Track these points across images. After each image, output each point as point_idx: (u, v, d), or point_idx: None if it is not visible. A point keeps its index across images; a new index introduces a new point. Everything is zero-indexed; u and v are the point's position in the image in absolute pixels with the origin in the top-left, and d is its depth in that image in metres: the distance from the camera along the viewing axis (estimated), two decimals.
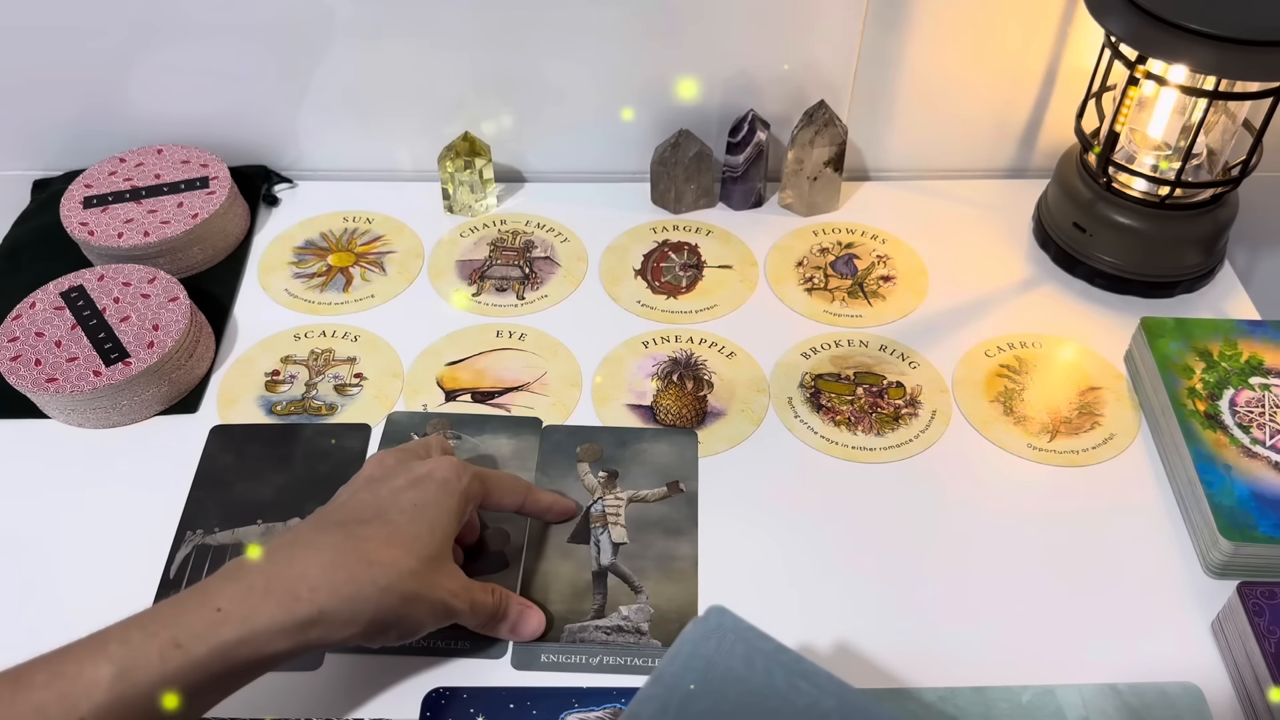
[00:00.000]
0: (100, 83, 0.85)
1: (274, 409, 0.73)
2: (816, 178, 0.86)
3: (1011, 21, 0.81)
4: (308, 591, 0.49)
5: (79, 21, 0.81)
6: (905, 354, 0.77)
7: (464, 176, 0.85)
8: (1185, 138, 0.75)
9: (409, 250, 0.85)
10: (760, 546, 0.65)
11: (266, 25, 0.81)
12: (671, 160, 0.85)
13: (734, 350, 0.77)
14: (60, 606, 0.62)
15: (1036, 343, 0.77)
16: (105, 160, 0.86)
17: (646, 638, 0.60)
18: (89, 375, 0.69)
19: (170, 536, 0.65)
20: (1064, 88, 0.86)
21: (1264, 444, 0.66)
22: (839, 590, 0.63)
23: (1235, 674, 0.58)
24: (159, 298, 0.74)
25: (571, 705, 0.57)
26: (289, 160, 0.91)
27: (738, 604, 0.61)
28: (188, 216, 0.81)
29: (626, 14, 0.81)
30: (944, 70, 0.85)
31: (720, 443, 0.71)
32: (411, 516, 0.54)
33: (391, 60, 0.84)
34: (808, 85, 0.85)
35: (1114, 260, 0.79)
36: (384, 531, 0.53)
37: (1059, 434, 0.71)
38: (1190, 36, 0.66)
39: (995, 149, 0.90)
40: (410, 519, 0.54)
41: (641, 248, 0.85)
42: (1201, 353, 0.71)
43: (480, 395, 0.74)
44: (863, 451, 0.70)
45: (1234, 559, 0.61)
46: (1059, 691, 0.57)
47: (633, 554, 0.64)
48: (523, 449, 0.70)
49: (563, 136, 0.89)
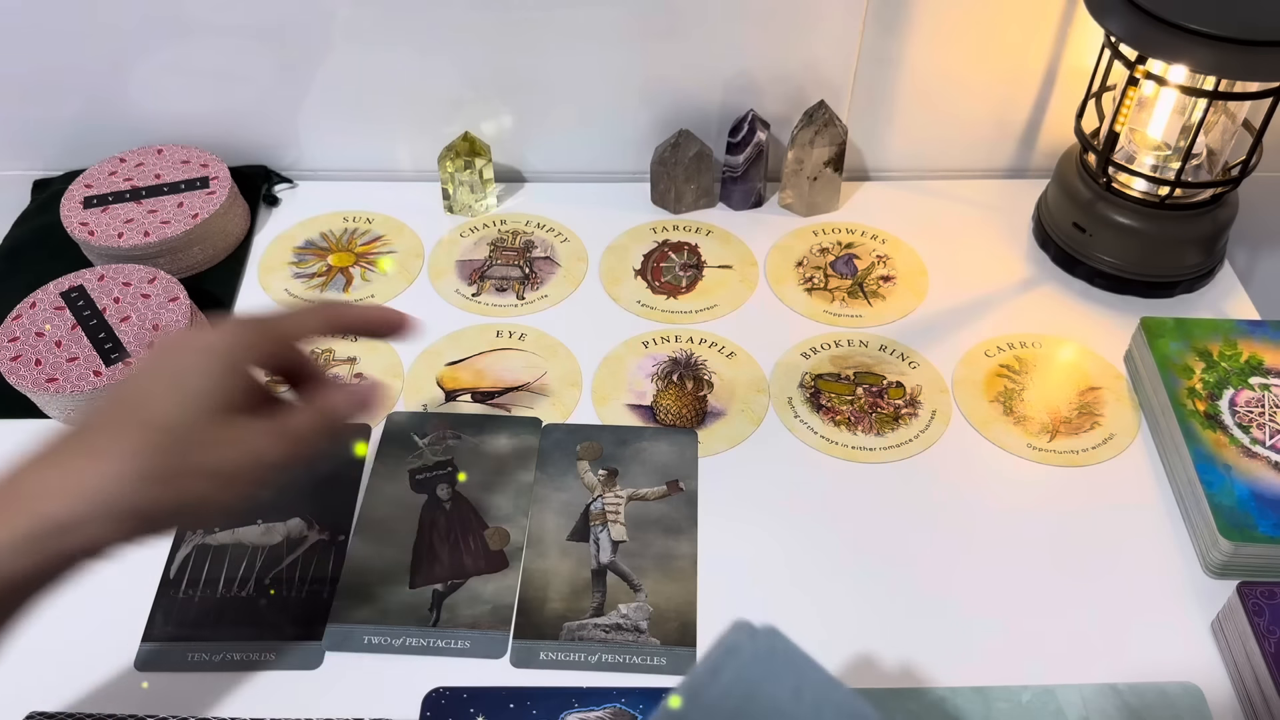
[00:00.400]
0: (100, 83, 0.85)
1: None
2: (816, 178, 0.86)
3: (1011, 21, 0.82)
4: (32, 501, 0.44)
5: (79, 21, 0.81)
6: (905, 354, 0.77)
7: (464, 176, 0.85)
8: (1185, 138, 0.75)
9: (409, 250, 0.85)
10: (759, 546, 0.65)
11: (266, 25, 0.82)
12: (671, 160, 0.85)
13: (734, 350, 0.77)
14: (60, 606, 0.62)
15: (1036, 343, 0.77)
16: (105, 160, 0.86)
17: (645, 635, 0.60)
18: (89, 375, 0.69)
19: (169, 539, 0.65)
20: (1064, 88, 0.86)
21: (1264, 444, 0.66)
22: (838, 590, 0.63)
23: (1235, 674, 0.58)
24: (159, 298, 0.74)
25: (571, 705, 0.57)
26: (289, 160, 0.91)
27: (737, 603, 0.62)
28: (188, 216, 0.81)
29: (627, 14, 0.81)
30: (944, 70, 0.85)
31: (720, 442, 0.71)
32: (150, 391, 0.47)
33: (392, 60, 0.84)
34: (808, 85, 0.85)
35: (1114, 260, 0.79)
36: (118, 415, 0.47)
37: (1059, 434, 0.71)
38: (1190, 36, 0.66)
39: (995, 149, 0.90)
40: (149, 394, 0.47)
41: (641, 248, 0.85)
42: (1201, 353, 0.71)
43: (480, 395, 0.74)
44: (862, 451, 0.70)
45: (1234, 559, 0.61)
46: (1059, 691, 0.57)
47: (632, 552, 0.64)
48: (522, 449, 0.70)
49: (563, 136, 0.89)
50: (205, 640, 0.61)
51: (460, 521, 0.66)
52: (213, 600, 0.62)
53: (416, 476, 0.68)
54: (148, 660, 0.60)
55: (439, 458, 0.69)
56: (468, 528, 0.66)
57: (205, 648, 0.60)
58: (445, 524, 0.66)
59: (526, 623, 0.61)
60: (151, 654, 0.60)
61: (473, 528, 0.66)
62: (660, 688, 0.58)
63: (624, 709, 0.57)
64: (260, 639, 0.61)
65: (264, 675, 0.59)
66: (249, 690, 0.59)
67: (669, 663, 0.59)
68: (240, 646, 0.60)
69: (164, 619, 0.62)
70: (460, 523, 0.66)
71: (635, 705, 0.57)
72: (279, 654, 0.60)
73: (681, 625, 0.61)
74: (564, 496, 0.67)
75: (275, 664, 0.60)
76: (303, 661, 0.60)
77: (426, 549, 0.65)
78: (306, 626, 0.61)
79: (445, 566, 0.64)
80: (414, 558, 0.64)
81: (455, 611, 0.62)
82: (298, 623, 0.61)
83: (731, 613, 0.61)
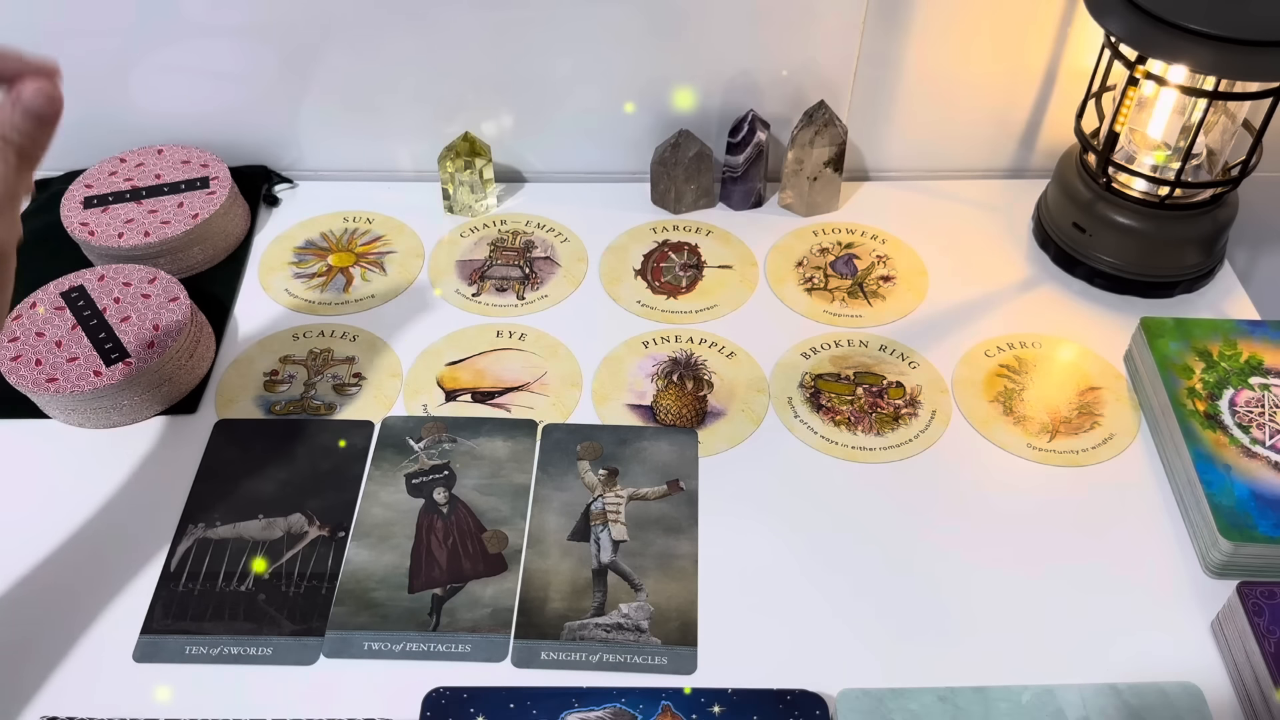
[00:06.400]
0: (100, 83, 0.85)
1: (273, 409, 0.73)
2: (816, 178, 0.86)
3: (1011, 21, 0.82)
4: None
5: (79, 21, 0.81)
6: (905, 354, 0.77)
7: (464, 176, 0.85)
8: (1185, 138, 0.75)
9: (409, 250, 0.85)
10: (760, 545, 0.65)
11: (266, 25, 0.82)
12: (671, 160, 0.85)
13: (734, 350, 0.77)
14: (60, 604, 0.62)
15: (1036, 343, 0.77)
16: (105, 160, 0.86)
17: (646, 635, 0.60)
18: (89, 375, 0.69)
19: (170, 533, 0.66)
20: (1064, 88, 0.86)
21: (1264, 444, 0.66)
22: (838, 590, 0.63)
23: (1235, 674, 0.58)
24: (159, 298, 0.74)
25: (571, 705, 0.57)
26: (289, 160, 0.91)
27: (738, 603, 0.62)
28: (188, 216, 0.81)
29: (627, 14, 0.81)
30: (944, 70, 0.85)
31: (720, 442, 0.71)
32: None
33: (391, 60, 0.84)
34: (808, 85, 0.85)
35: (1114, 260, 0.79)
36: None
37: (1059, 434, 0.71)
38: (1190, 36, 0.66)
39: (995, 149, 0.90)
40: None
41: (641, 248, 0.85)
42: (1201, 353, 0.71)
43: (480, 395, 0.74)
44: (862, 451, 0.70)
45: (1234, 559, 0.61)
46: (1059, 691, 0.57)
47: (633, 552, 0.64)
48: (519, 451, 0.70)
49: (563, 136, 0.89)
50: (204, 634, 0.61)
51: (458, 525, 0.66)
52: (212, 594, 0.63)
53: (413, 481, 0.68)
54: (146, 652, 0.60)
55: (435, 461, 0.69)
56: (465, 531, 0.66)
57: (204, 641, 0.60)
58: (443, 528, 0.66)
59: (527, 622, 0.61)
60: (150, 646, 0.60)
61: (470, 531, 0.66)
62: (661, 687, 0.58)
63: (624, 709, 0.57)
64: (259, 634, 0.61)
65: (262, 672, 0.59)
66: (248, 690, 0.59)
67: (670, 662, 0.59)
68: (239, 640, 0.60)
69: (163, 611, 0.62)
70: (458, 526, 0.66)
71: (635, 705, 0.57)
72: (277, 649, 0.60)
73: (682, 625, 0.61)
74: (564, 496, 0.67)
75: (273, 659, 0.60)
76: (300, 657, 0.60)
77: (424, 553, 0.65)
78: (305, 622, 0.61)
79: (444, 571, 0.64)
80: (412, 562, 0.64)
81: (455, 615, 0.62)
82: (297, 618, 0.61)
83: (732, 612, 0.62)
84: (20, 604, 0.62)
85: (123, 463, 0.70)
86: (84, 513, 0.67)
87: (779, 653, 0.60)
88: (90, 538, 0.65)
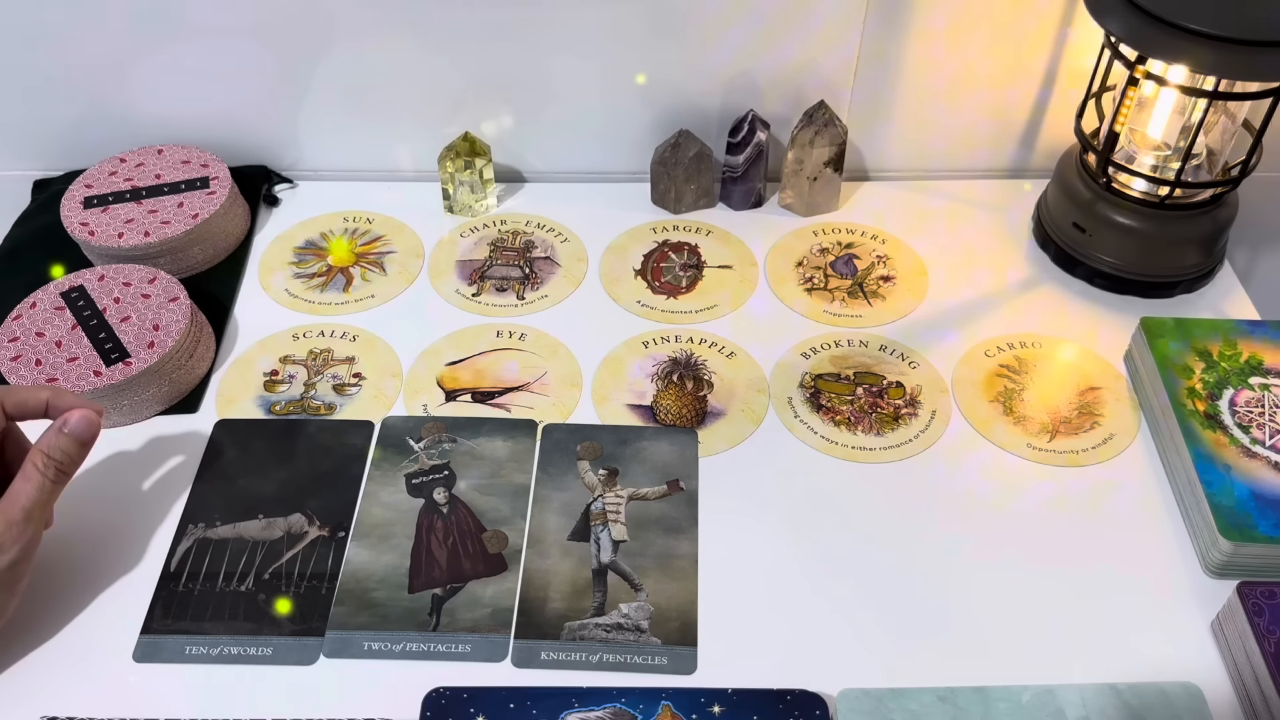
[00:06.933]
0: (100, 83, 0.85)
1: (273, 409, 0.73)
2: (816, 178, 0.86)
3: (1011, 21, 0.82)
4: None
5: (79, 21, 0.81)
6: (905, 354, 0.77)
7: (464, 176, 0.85)
8: (1185, 138, 0.75)
9: (409, 250, 0.85)
10: (760, 545, 0.65)
11: (266, 25, 0.82)
12: (671, 160, 0.85)
13: (734, 350, 0.77)
14: (60, 604, 0.62)
15: (1036, 343, 0.77)
16: (105, 160, 0.86)
17: (646, 635, 0.60)
18: (89, 375, 0.69)
19: (170, 533, 0.66)
20: (1064, 88, 0.86)
21: (1264, 444, 0.66)
22: (838, 589, 0.63)
23: (1235, 674, 0.58)
24: (159, 298, 0.74)
25: (571, 705, 0.57)
26: (289, 160, 0.91)
27: (738, 603, 0.62)
28: (188, 216, 0.81)
29: (627, 14, 0.81)
30: (944, 70, 0.85)
31: (720, 442, 0.71)
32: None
33: (391, 60, 0.84)
34: (808, 85, 0.85)
35: (1114, 260, 0.79)
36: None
37: (1059, 434, 0.71)
38: (1190, 36, 0.66)
39: (995, 149, 0.90)
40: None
41: (641, 248, 0.85)
42: (1201, 353, 0.71)
43: (480, 395, 0.74)
44: (862, 451, 0.70)
45: (1234, 559, 0.61)
46: (1059, 691, 0.57)
47: (633, 552, 0.64)
48: (519, 451, 0.70)
49: (563, 136, 0.89)
50: (204, 634, 0.61)
51: (458, 525, 0.66)
52: (212, 593, 0.63)
53: (413, 481, 0.68)
54: (146, 652, 0.60)
55: (435, 461, 0.69)
56: (465, 531, 0.66)
57: (204, 641, 0.60)
58: (443, 528, 0.66)
59: (527, 622, 0.61)
60: (150, 646, 0.60)
61: (470, 531, 0.66)
62: (661, 687, 0.58)
63: (624, 709, 0.57)
64: (259, 634, 0.61)
65: (262, 672, 0.59)
66: (248, 690, 0.58)
67: (670, 662, 0.59)
68: (239, 640, 0.60)
69: (163, 611, 0.62)
70: (458, 526, 0.66)
71: (635, 705, 0.57)
72: (277, 649, 0.60)
73: (682, 625, 0.61)
74: (564, 496, 0.67)
75: (273, 659, 0.60)
76: (300, 657, 0.60)
77: (424, 553, 0.65)
78: (305, 622, 0.61)
79: (444, 571, 0.64)
80: (412, 562, 0.64)
81: (455, 615, 0.62)
82: (297, 618, 0.61)
83: (732, 612, 0.62)
84: (20, 607, 0.62)
85: (123, 463, 0.70)
86: (84, 513, 0.67)
87: (779, 652, 0.60)
88: (90, 538, 0.65)
